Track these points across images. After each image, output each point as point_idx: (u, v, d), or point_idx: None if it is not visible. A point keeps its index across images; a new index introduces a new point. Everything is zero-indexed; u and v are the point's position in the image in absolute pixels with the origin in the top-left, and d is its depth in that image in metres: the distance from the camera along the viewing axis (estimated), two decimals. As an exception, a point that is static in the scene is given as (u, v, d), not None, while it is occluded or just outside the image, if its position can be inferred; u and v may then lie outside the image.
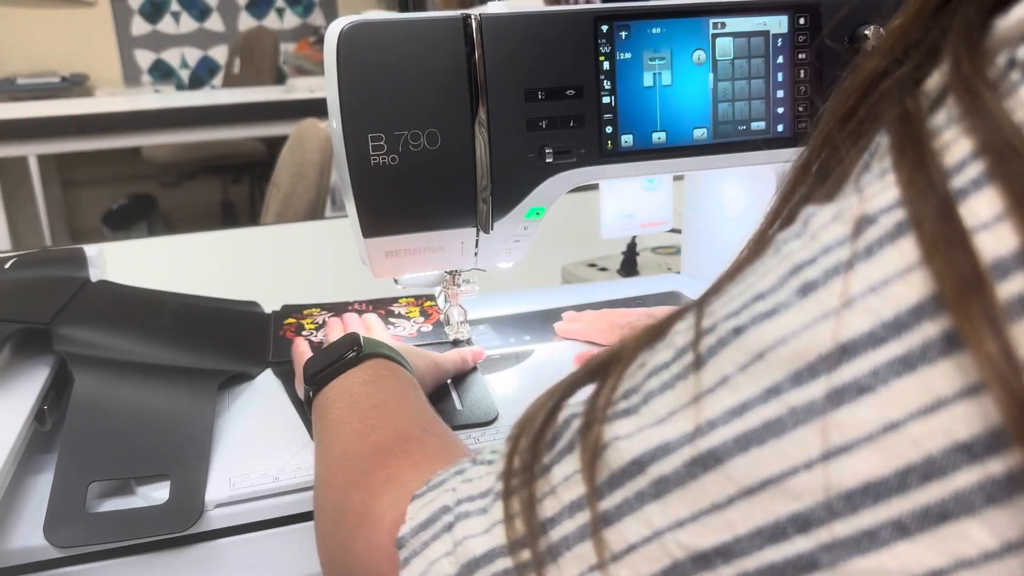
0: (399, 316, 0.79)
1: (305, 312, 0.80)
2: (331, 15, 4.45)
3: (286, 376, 0.68)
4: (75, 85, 3.96)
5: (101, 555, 0.51)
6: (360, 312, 0.79)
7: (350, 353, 0.54)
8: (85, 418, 0.56)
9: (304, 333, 0.75)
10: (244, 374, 0.67)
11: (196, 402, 0.60)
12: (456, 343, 0.73)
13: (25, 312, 0.63)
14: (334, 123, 0.60)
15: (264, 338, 0.75)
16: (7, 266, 0.75)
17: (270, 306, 0.81)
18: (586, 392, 0.30)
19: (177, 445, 0.56)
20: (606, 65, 0.63)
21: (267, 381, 0.67)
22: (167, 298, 0.75)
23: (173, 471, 0.54)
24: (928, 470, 0.20)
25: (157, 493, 0.53)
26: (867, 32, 0.67)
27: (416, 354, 0.62)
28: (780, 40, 0.67)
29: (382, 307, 0.81)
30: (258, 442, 0.59)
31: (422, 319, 0.79)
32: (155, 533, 0.51)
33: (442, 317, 0.74)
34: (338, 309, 0.80)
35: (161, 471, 0.54)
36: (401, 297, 0.83)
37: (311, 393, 0.55)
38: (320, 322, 0.78)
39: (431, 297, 0.83)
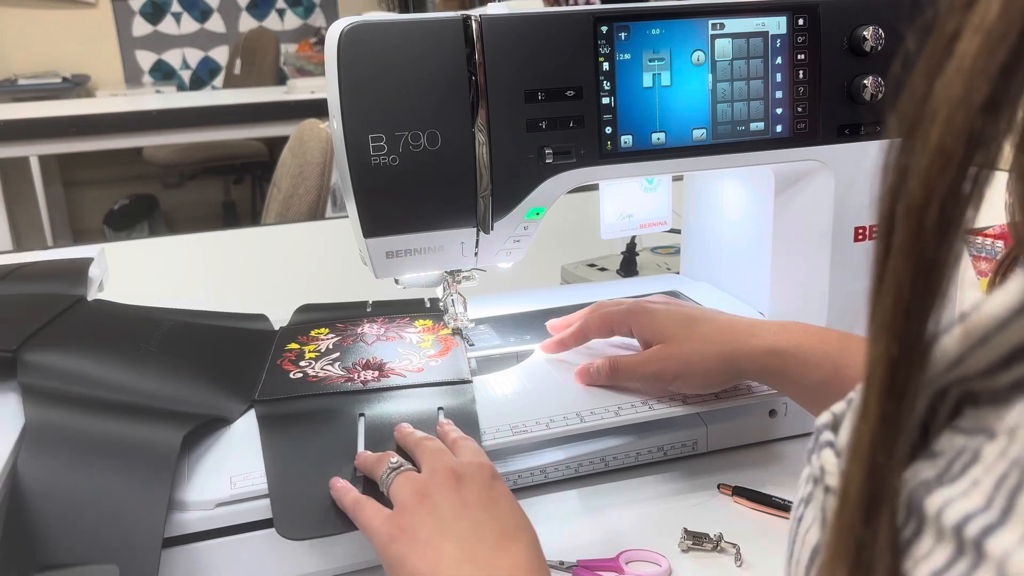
0: (408, 345, 0.73)
1: (312, 334, 0.75)
2: (332, 16, 4.45)
3: (267, 420, 0.61)
4: (76, 86, 3.97)
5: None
6: (370, 335, 0.75)
7: None
8: (27, 495, 0.50)
9: (302, 364, 0.70)
10: (220, 419, 0.60)
11: (152, 473, 0.53)
12: (456, 332, 0.73)
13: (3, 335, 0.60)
14: (335, 124, 0.61)
15: (258, 367, 0.69)
16: (3, 279, 0.72)
17: (272, 309, 0.81)
18: None
19: (126, 531, 0.50)
20: (606, 66, 0.63)
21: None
22: (162, 318, 0.72)
23: (121, 561, 0.48)
24: None
25: None
26: (866, 33, 0.67)
27: (530, 537, 0.47)
28: (779, 41, 0.67)
29: (395, 332, 0.75)
30: (259, 441, 0.59)
31: (433, 351, 0.72)
32: None
33: (441, 305, 0.74)
34: (345, 333, 0.75)
35: (108, 560, 0.48)
36: (419, 318, 0.79)
37: None
38: (323, 349, 0.72)
39: (457, 330, 0.75)
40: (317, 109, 2.66)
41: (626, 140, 0.65)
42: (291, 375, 0.68)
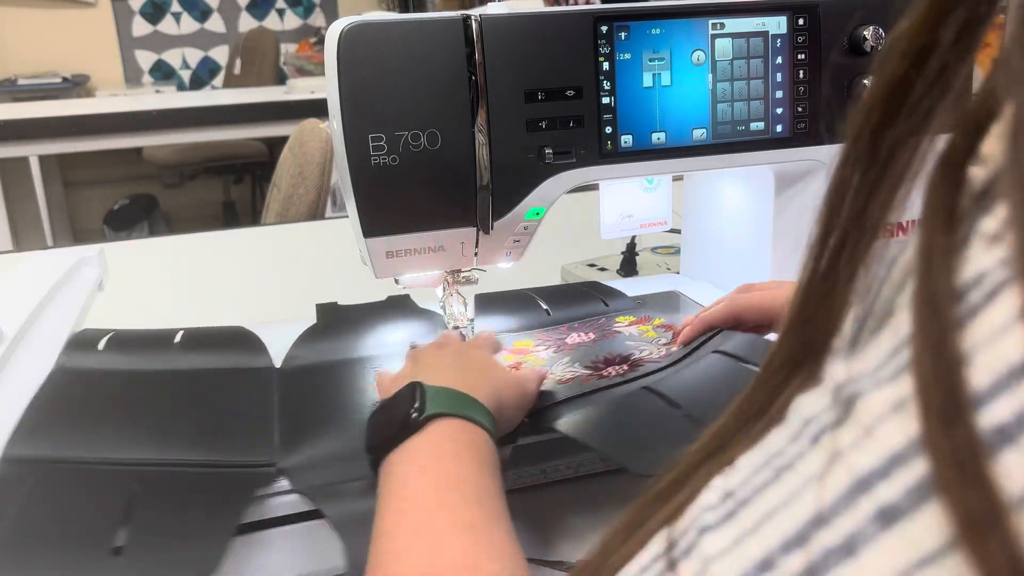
0: (634, 338, 0.68)
1: (517, 346, 0.70)
2: (332, 16, 4.45)
3: (570, 424, 0.55)
4: (76, 86, 3.97)
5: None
6: (586, 340, 0.71)
7: (413, 413, 0.46)
8: None
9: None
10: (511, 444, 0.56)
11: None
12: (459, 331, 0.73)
13: (244, 445, 0.56)
14: (335, 123, 0.61)
15: None
16: (176, 340, 0.70)
17: (273, 309, 0.81)
18: None
19: None
20: (606, 65, 0.63)
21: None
22: (356, 363, 0.69)
23: None
24: None
25: None
26: (866, 33, 0.67)
27: (498, 387, 0.53)
28: (779, 41, 0.67)
29: (608, 331, 0.70)
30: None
31: (663, 340, 0.67)
32: None
33: (439, 305, 0.74)
34: (552, 342, 0.70)
35: None
36: (618, 315, 0.74)
37: (375, 460, 0.47)
38: (546, 357, 0.67)
39: (645, 311, 0.72)
40: (317, 109, 2.66)
41: (626, 140, 0.65)
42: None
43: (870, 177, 0.23)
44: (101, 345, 0.68)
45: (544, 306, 0.79)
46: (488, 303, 0.79)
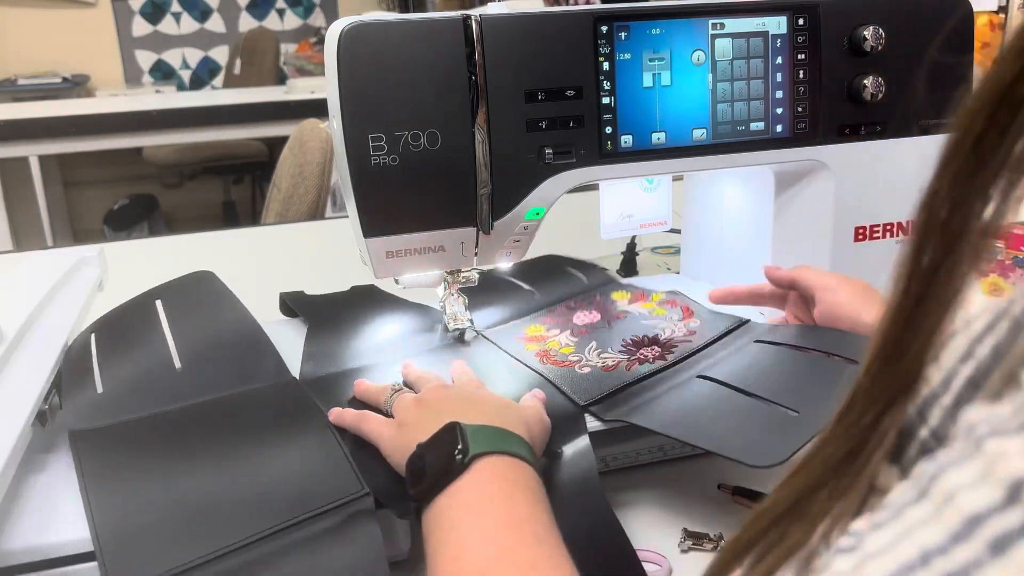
0: (647, 317, 0.69)
1: (530, 332, 0.70)
2: (332, 16, 4.45)
3: (634, 415, 0.57)
4: (76, 86, 3.97)
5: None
6: (599, 321, 0.72)
7: (457, 455, 0.45)
8: None
9: (572, 358, 0.65)
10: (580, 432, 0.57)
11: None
12: (459, 334, 0.73)
13: (329, 483, 0.51)
14: (335, 123, 0.61)
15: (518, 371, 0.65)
16: (178, 366, 0.63)
17: (273, 309, 0.80)
18: None
19: None
20: (606, 66, 0.63)
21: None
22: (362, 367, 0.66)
23: None
24: None
25: None
26: (866, 33, 0.67)
27: (527, 420, 0.52)
28: (779, 41, 0.67)
29: (613, 311, 0.71)
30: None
31: (676, 317, 0.69)
32: None
33: (439, 305, 0.74)
34: (565, 325, 0.71)
35: None
36: (613, 291, 0.76)
37: (418, 505, 0.46)
38: (569, 342, 0.68)
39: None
40: (317, 109, 2.66)
41: (626, 140, 0.65)
42: (578, 370, 0.63)
43: (973, 189, 0.20)
44: (97, 378, 0.63)
45: (527, 287, 0.80)
46: (476, 299, 0.78)
